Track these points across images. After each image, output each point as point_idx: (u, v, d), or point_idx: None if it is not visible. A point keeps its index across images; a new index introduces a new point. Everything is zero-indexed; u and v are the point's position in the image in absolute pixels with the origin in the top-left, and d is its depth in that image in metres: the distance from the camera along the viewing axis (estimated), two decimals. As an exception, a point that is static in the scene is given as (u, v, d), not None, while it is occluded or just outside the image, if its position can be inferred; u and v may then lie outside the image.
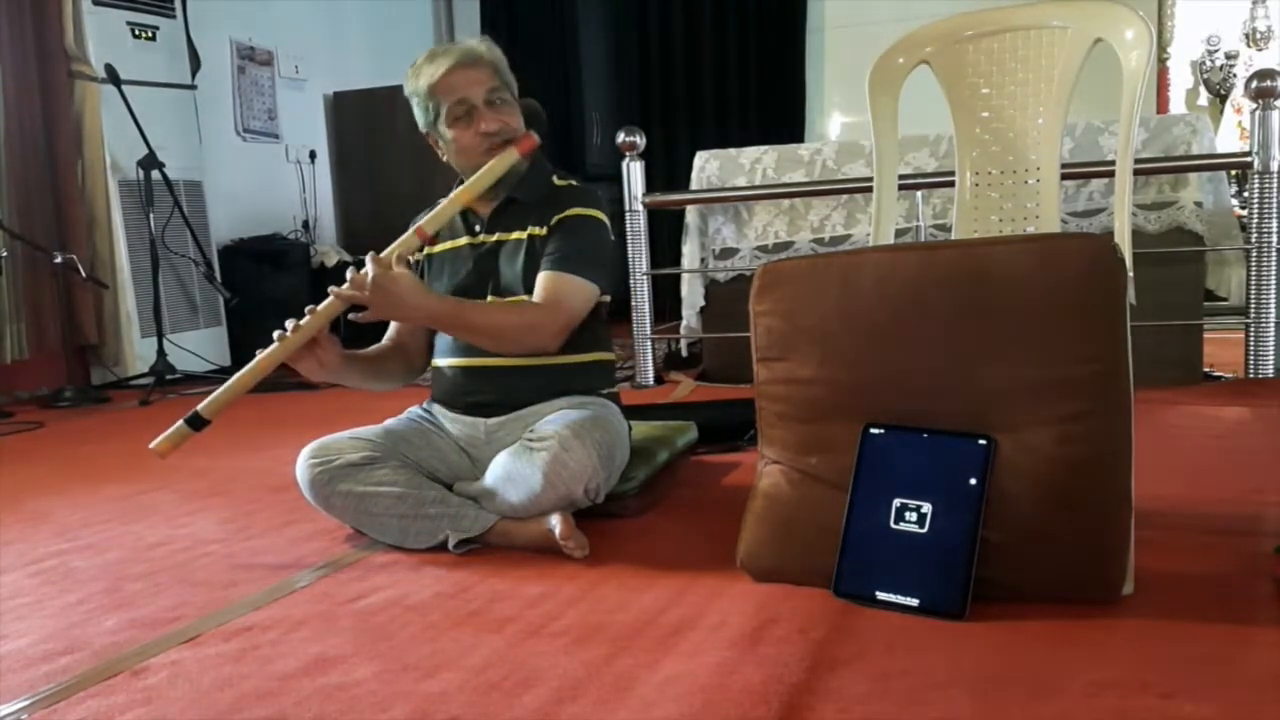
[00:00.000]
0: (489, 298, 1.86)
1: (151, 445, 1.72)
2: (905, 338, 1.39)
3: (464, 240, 1.93)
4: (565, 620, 1.38)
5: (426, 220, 1.83)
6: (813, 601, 1.38)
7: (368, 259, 1.72)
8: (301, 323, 1.73)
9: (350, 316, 1.74)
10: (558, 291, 1.80)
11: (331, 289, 1.73)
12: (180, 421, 1.71)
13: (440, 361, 1.93)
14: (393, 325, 2.00)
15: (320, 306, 1.74)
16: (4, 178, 3.75)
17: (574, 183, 1.94)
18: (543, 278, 1.81)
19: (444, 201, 1.84)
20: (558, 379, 1.85)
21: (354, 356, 1.88)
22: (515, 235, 1.88)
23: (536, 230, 1.86)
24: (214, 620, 1.47)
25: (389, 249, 1.76)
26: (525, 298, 1.83)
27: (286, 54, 5.26)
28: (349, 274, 1.72)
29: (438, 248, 1.96)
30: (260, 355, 1.73)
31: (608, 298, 1.95)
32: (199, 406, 1.72)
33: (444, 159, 1.92)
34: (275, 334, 1.73)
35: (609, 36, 6.14)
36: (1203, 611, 1.30)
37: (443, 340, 1.92)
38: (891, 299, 1.40)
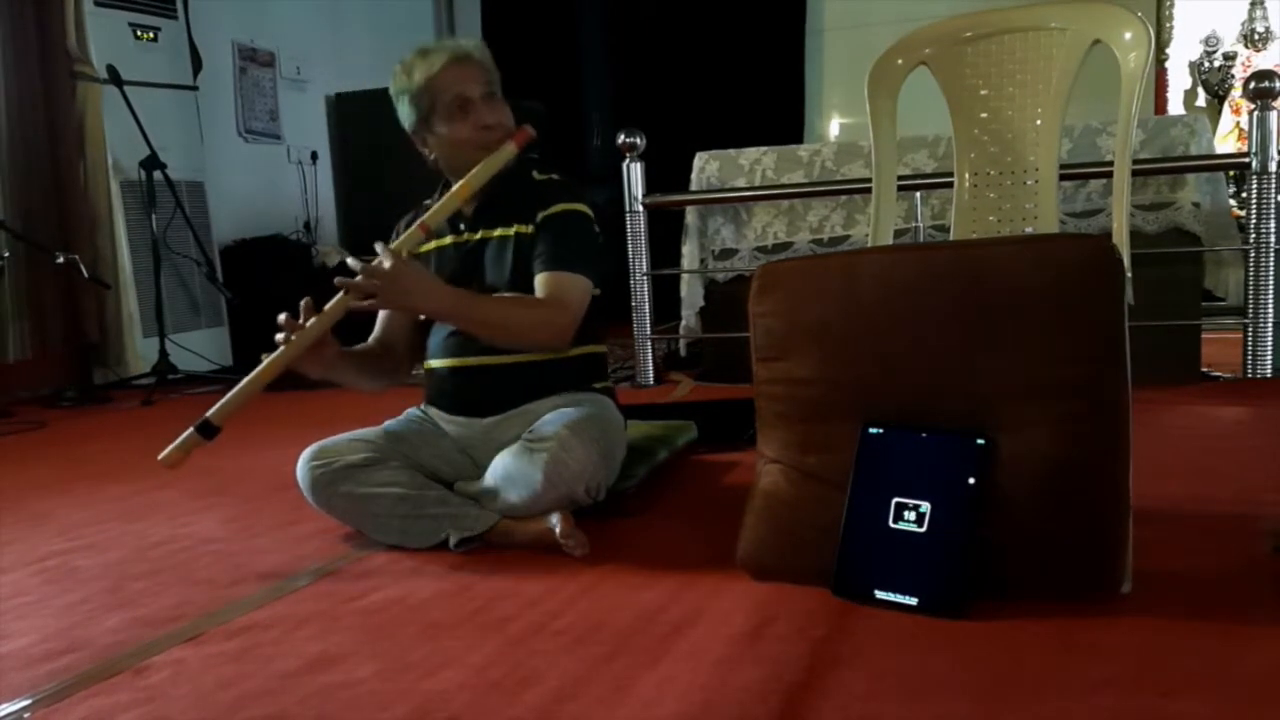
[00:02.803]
0: None
1: (160, 456, 1.64)
2: (904, 338, 1.40)
3: (449, 239, 1.93)
4: (566, 619, 1.39)
5: (429, 215, 1.81)
6: (812, 601, 1.38)
7: (380, 250, 1.70)
8: (309, 323, 1.70)
9: (353, 306, 1.70)
10: (560, 290, 1.79)
11: (342, 282, 1.68)
12: (190, 430, 1.64)
13: (432, 363, 1.93)
14: (379, 324, 1.98)
15: (329, 305, 1.71)
16: (6, 178, 3.76)
17: (554, 176, 1.93)
18: (543, 278, 1.81)
19: (444, 197, 1.82)
20: (550, 374, 1.85)
21: (350, 354, 1.87)
22: (499, 232, 1.88)
23: (522, 228, 1.85)
24: (216, 619, 1.47)
25: (396, 243, 1.75)
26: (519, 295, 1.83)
27: (288, 55, 5.27)
28: (355, 267, 1.68)
29: (424, 246, 1.94)
30: (266, 359, 1.69)
31: (598, 291, 1.94)
32: (209, 413, 1.66)
33: (430, 158, 1.90)
34: (278, 337, 1.69)
35: (609, 36, 6.14)
36: (1201, 610, 1.30)
37: (435, 341, 1.92)
38: (890, 299, 1.40)
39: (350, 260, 1.70)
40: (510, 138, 1.83)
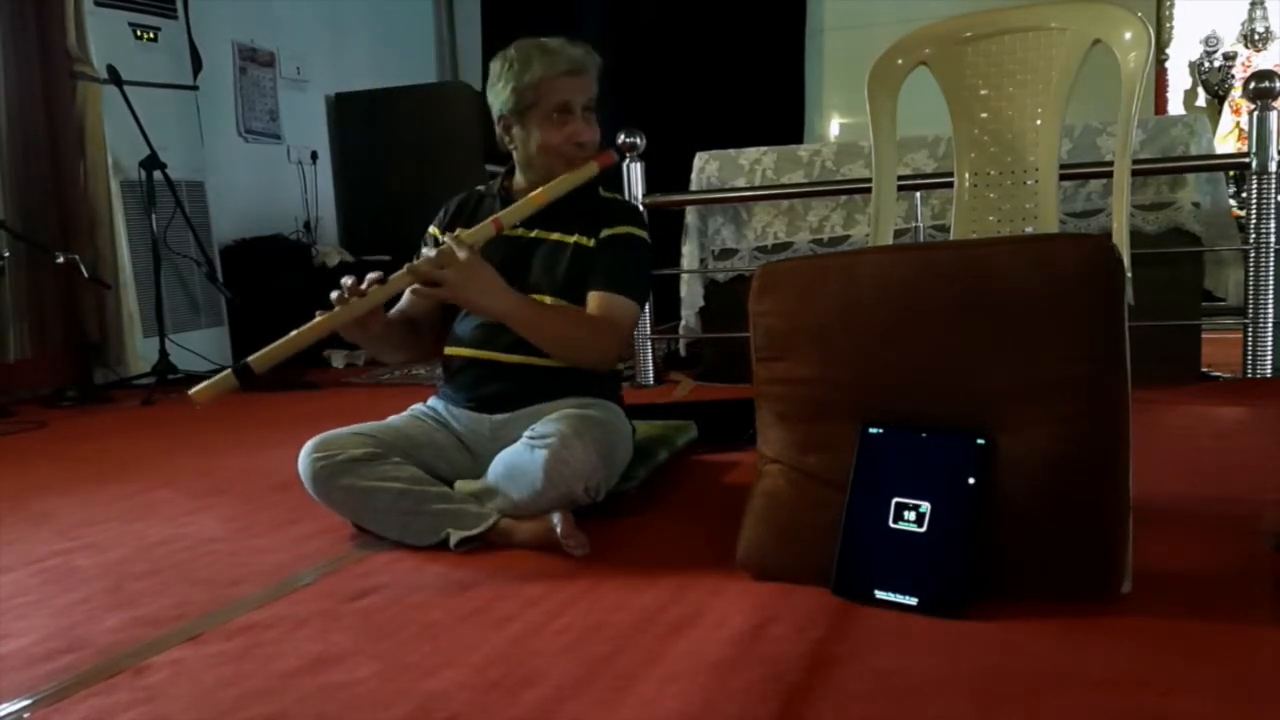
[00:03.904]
0: None
1: (192, 392, 1.67)
2: (904, 338, 1.40)
3: None
4: (566, 619, 1.39)
5: (505, 213, 1.84)
6: (812, 600, 1.38)
7: (449, 240, 1.73)
8: (369, 290, 1.73)
9: (415, 288, 1.74)
10: (614, 312, 1.83)
11: (409, 265, 1.73)
12: (227, 370, 1.67)
13: (454, 350, 1.94)
14: (404, 299, 1.99)
15: (393, 277, 1.74)
16: (6, 178, 3.76)
17: (619, 196, 1.97)
18: (597, 297, 1.84)
19: (521, 201, 1.85)
20: (565, 381, 1.86)
21: (389, 322, 1.89)
22: (556, 236, 1.90)
23: (583, 240, 1.88)
24: (216, 619, 1.47)
25: (469, 235, 1.77)
26: (562, 302, 1.85)
27: (288, 55, 5.27)
28: (426, 252, 1.73)
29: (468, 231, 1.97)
30: (320, 317, 1.71)
31: None
32: (250, 358, 1.68)
33: (508, 147, 1.93)
34: (333, 295, 1.73)
35: (609, 37, 6.14)
36: (1201, 610, 1.31)
37: (461, 329, 1.94)
38: (890, 299, 1.41)
39: (426, 249, 1.72)
40: (595, 158, 1.88)
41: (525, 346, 1.83)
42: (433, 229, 2.03)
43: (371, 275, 1.75)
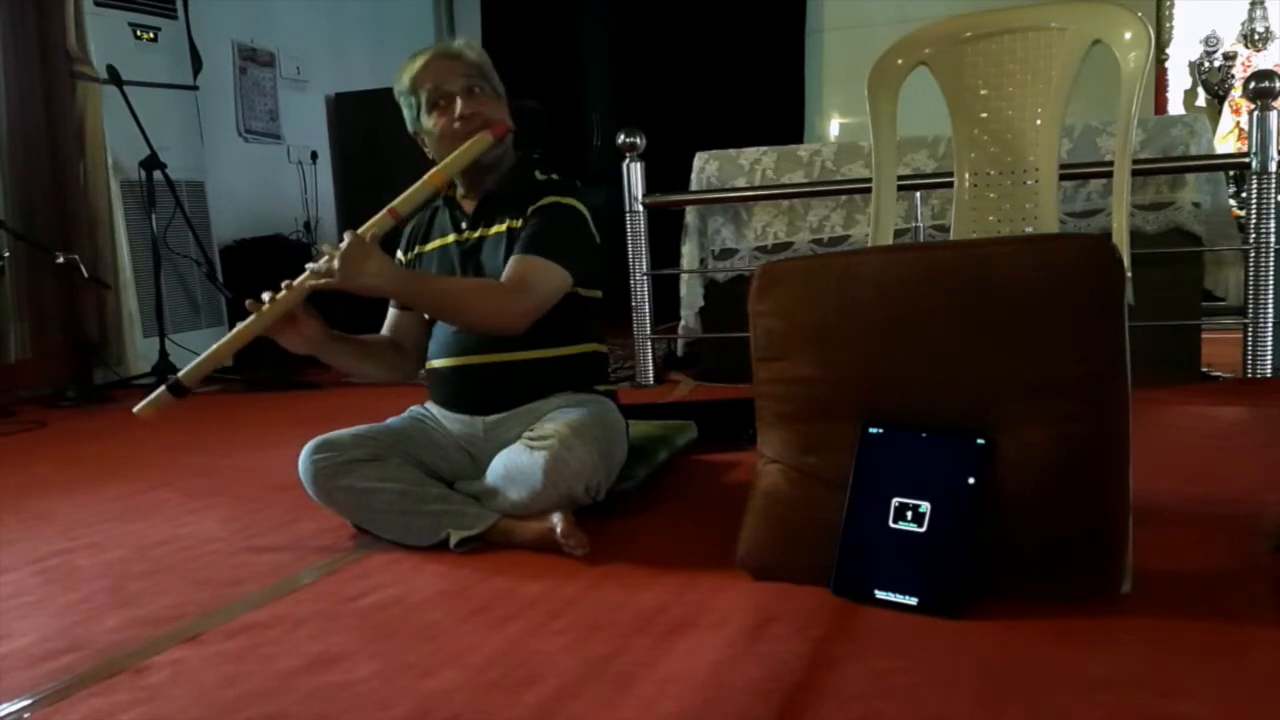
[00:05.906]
0: None
1: (135, 410, 1.75)
2: (904, 338, 1.40)
3: (451, 238, 1.95)
4: (566, 618, 1.39)
5: (399, 200, 1.82)
6: (812, 600, 1.38)
7: (345, 234, 1.73)
8: (278, 295, 1.73)
9: (312, 284, 1.73)
10: (525, 274, 1.79)
11: (306, 265, 1.74)
12: (162, 388, 1.75)
13: (434, 363, 1.94)
14: (389, 317, 2.00)
15: (295, 281, 1.74)
16: (6, 178, 3.76)
17: (554, 177, 1.95)
18: (511, 261, 1.81)
19: (416, 184, 1.84)
20: (551, 373, 1.86)
21: (341, 336, 1.88)
22: (496, 229, 1.89)
23: (515, 223, 1.87)
24: (216, 619, 1.47)
25: (362, 228, 1.77)
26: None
27: (288, 55, 5.26)
28: (324, 248, 1.74)
29: (428, 246, 1.98)
30: (239, 326, 1.74)
31: (598, 293, 1.95)
32: (179, 374, 1.76)
33: (430, 156, 1.94)
34: (248, 303, 1.73)
35: (609, 37, 6.14)
36: (1201, 610, 1.31)
37: (436, 341, 1.93)
38: (890, 299, 1.41)
39: (325, 245, 1.75)
40: (490, 128, 1.85)
41: (500, 344, 1.82)
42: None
43: (285, 282, 1.74)
